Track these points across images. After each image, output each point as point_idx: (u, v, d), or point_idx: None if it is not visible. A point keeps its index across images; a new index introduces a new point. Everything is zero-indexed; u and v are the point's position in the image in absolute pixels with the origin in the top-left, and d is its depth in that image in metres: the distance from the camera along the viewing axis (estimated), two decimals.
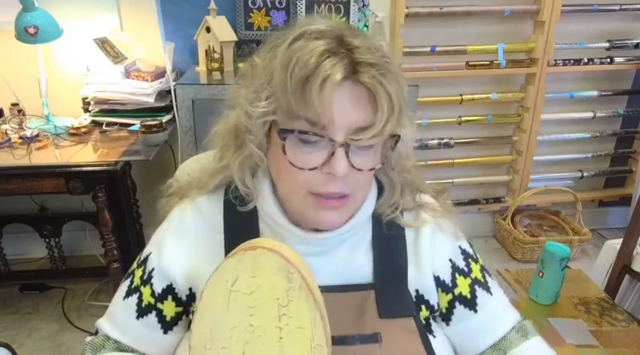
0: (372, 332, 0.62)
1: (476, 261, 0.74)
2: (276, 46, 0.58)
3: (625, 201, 2.45)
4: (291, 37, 0.57)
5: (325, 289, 0.61)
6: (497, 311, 0.72)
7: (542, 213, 2.51)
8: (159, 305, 0.68)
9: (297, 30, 0.58)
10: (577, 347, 1.13)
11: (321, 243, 0.65)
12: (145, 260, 0.70)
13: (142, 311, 0.68)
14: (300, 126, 0.56)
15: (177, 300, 0.68)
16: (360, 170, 0.58)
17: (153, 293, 0.68)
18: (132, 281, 0.70)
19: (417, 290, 0.67)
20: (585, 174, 2.45)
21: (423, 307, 0.67)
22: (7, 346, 1.22)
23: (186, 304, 0.69)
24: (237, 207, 0.67)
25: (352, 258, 0.67)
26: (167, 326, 0.69)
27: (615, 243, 1.56)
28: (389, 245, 0.68)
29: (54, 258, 2.09)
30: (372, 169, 0.60)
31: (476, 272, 0.72)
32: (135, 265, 0.72)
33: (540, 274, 1.27)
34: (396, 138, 0.60)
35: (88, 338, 0.71)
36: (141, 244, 2.07)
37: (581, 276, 1.44)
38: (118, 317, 0.70)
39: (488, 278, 0.73)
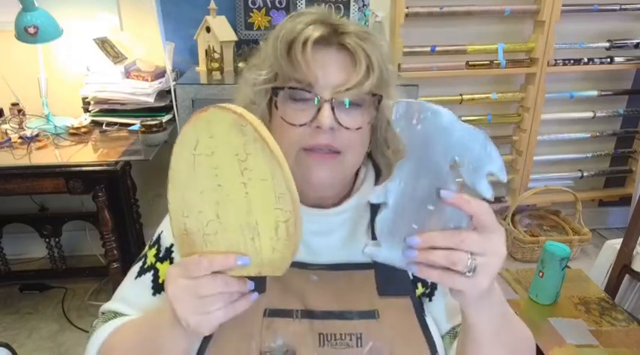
0: (371, 309, 0.65)
1: None
2: (274, 29, 0.67)
3: (625, 200, 2.45)
4: (284, 19, 0.67)
5: (327, 267, 0.67)
6: None
7: (542, 212, 2.51)
8: None
9: (290, 14, 0.67)
10: (577, 347, 1.14)
11: (324, 221, 0.69)
12: (158, 239, 0.73)
13: (158, 288, 0.70)
14: (290, 85, 0.63)
15: None
16: (347, 128, 0.62)
17: None
18: (144, 262, 0.72)
19: None
20: (585, 174, 2.45)
21: (419, 285, 0.70)
22: (7, 346, 1.22)
23: None
24: None
25: (352, 239, 0.70)
26: None
27: (615, 243, 1.56)
28: None
29: (54, 258, 2.09)
30: (358, 128, 0.64)
31: None
32: (146, 248, 0.74)
33: (540, 274, 1.27)
34: (377, 97, 0.65)
35: (96, 320, 0.72)
36: (141, 244, 2.07)
37: (581, 276, 1.44)
38: (129, 296, 0.71)
39: None
